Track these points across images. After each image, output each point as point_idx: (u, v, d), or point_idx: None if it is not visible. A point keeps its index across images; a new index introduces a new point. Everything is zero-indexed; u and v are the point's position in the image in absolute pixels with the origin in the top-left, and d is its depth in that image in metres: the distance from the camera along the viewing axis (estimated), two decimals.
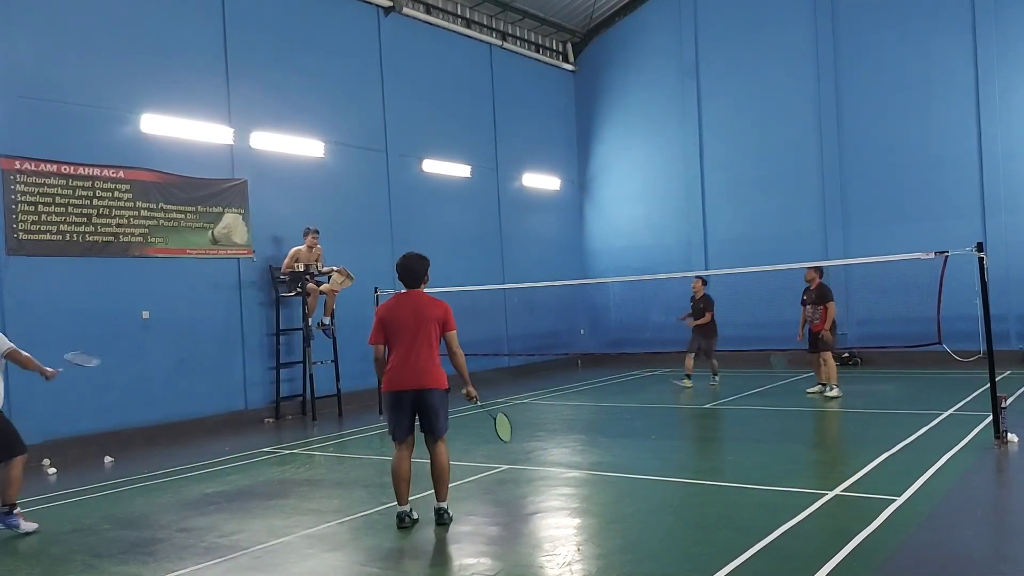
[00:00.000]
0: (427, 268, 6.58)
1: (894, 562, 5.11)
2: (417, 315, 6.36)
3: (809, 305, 12.52)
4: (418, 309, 6.39)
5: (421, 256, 6.62)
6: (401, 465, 6.40)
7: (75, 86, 11.14)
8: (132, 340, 11.54)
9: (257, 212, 13.27)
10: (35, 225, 10.61)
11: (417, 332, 6.32)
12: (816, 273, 12.61)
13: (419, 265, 6.55)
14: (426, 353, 6.33)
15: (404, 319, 6.36)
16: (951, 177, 16.53)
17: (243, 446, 10.70)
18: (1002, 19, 16.06)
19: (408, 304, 6.44)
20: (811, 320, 12.47)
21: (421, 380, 6.31)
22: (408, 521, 6.38)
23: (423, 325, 6.33)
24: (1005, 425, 8.46)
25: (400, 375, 6.34)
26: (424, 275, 6.56)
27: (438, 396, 6.39)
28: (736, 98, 18.86)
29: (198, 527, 6.78)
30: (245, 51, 13.27)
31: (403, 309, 6.42)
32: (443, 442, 6.48)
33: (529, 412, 12.84)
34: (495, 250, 18.52)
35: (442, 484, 6.47)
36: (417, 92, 16.58)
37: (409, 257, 6.61)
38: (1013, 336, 15.78)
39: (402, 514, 6.40)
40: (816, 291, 12.45)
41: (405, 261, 6.59)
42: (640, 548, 5.70)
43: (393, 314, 6.41)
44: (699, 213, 19.31)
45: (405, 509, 6.41)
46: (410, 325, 6.33)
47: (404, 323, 6.34)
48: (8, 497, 6.91)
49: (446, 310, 6.47)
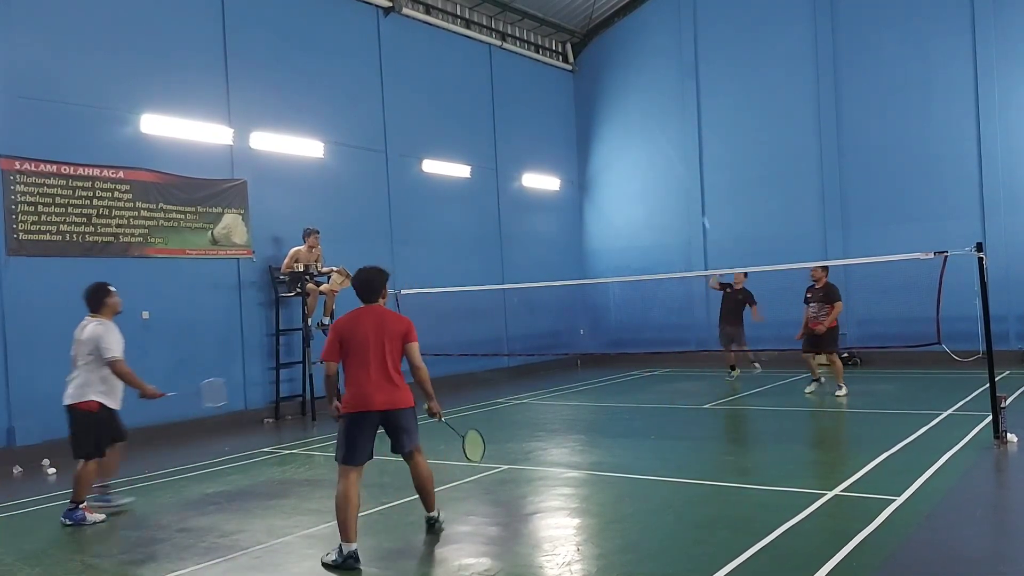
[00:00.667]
0: (386, 281, 6.23)
1: (894, 562, 5.11)
2: (380, 330, 5.93)
3: (815, 303, 12.46)
4: (380, 324, 5.97)
5: (380, 269, 6.26)
6: (350, 492, 5.70)
7: (75, 86, 11.14)
8: (132, 340, 11.34)
9: (257, 212, 13.27)
10: (35, 225, 10.61)
11: (381, 348, 5.90)
12: (824, 272, 12.57)
13: (378, 279, 6.17)
14: (393, 371, 5.94)
15: (365, 335, 5.90)
16: (951, 177, 16.53)
17: (243, 446, 10.70)
18: (1002, 19, 16.07)
19: (369, 319, 6.00)
20: (815, 317, 12.41)
21: (391, 400, 5.90)
22: (354, 563, 5.54)
23: (387, 341, 5.92)
24: (1005, 425, 8.47)
25: (365, 395, 5.85)
26: (383, 289, 6.18)
27: (408, 414, 6.03)
28: (736, 98, 18.86)
29: (198, 527, 6.78)
30: (245, 51, 13.27)
31: (364, 324, 5.95)
32: (419, 452, 6.19)
33: (529, 412, 12.84)
34: (495, 250, 18.52)
35: (428, 494, 6.27)
36: (417, 92, 16.58)
37: (368, 271, 6.21)
38: (1013, 336, 15.78)
39: (351, 554, 5.57)
40: (824, 290, 12.42)
41: (363, 275, 6.20)
42: (640, 548, 5.70)
43: (353, 330, 5.94)
44: (699, 213, 19.31)
45: (353, 548, 5.59)
46: (373, 341, 5.89)
47: (365, 339, 5.89)
48: (78, 494, 7.03)
49: (408, 323, 6.12)
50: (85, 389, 7.00)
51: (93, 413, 7.00)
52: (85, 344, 7.02)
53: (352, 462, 5.82)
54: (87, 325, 7.13)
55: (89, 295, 7.31)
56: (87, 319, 7.20)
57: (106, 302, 7.30)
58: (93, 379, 7.01)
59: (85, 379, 7.00)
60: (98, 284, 7.37)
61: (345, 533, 5.62)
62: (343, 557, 5.56)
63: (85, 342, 7.02)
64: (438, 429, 7.71)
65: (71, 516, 6.90)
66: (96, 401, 7.02)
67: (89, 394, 7.00)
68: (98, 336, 6.99)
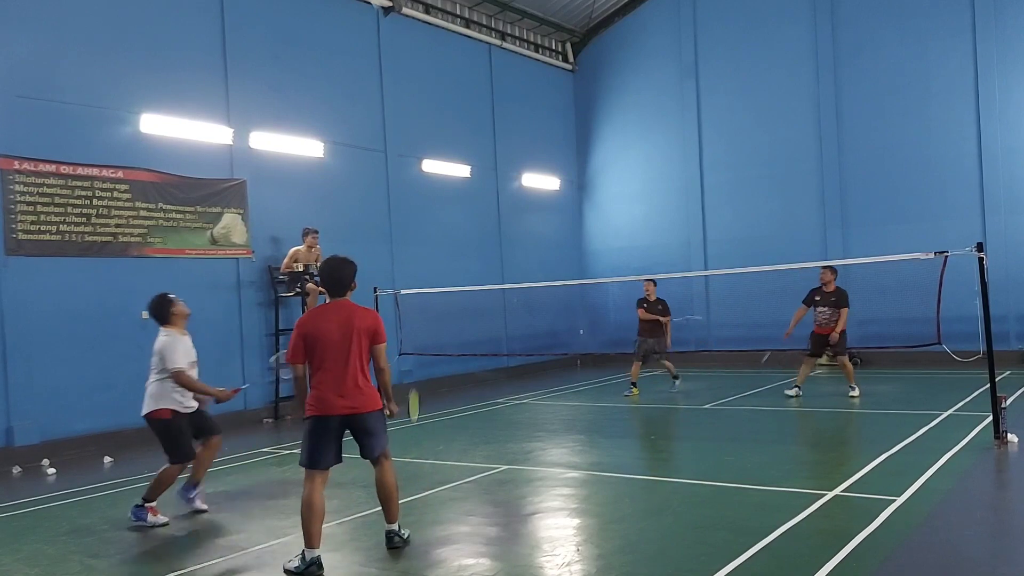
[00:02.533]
0: (354, 273, 5.81)
1: (893, 562, 5.10)
2: (346, 328, 5.57)
3: (825, 307, 12.29)
4: (347, 321, 5.60)
5: (346, 259, 5.81)
6: (314, 497, 5.49)
7: (74, 86, 11.13)
8: (131, 340, 11.50)
9: (256, 212, 13.26)
10: (34, 225, 10.60)
11: (348, 348, 5.56)
12: (833, 274, 12.41)
13: (346, 271, 5.76)
14: (359, 372, 5.62)
15: (330, 333, 5.56)
16: (951, 177, 16.53)
17: (242, 446, 10.69)
18: (1002, 19, 16.06)
19: (335, 316, 5.64)
20: (826, 323, 12.26)
21: (354, 404, 5.61)
22: (316, 570, 5.39)
23: (353, 339, 5.58)
24: (1005, 425, 8.46)
25: (325, 399, 5.58)
26: (351, 281, 5.79)
27: (374, 417, 5.73)
28: (736, 98, 18.85)
29: (197, 527, 6.77)
30: (245, 51, 13.26)
31: (329, 322, 5.60)
32: (387, 458, 5.89)
33: (528, 412, 12.83)
34: (494, 250, 18.51)
35: (390, 503, 5.88)
36: (417, 92, 16.57)
37: (334, 260, 5.81)
38: (1013, 336, 15.78)
39: (313, 561, 5.39)
40: (835, 294, 12.28)
41: (329, 265, 5.79)
42: (640, 548, 5.70)
43: (317, 328, 5.59)
44: (699, 213, 19.31)
45: (316, 555, 5.42)
46: (338, 340, 5.56)
47: (331, 338, 5.56)
48: (150, 494, 7.03)
49: (376, 320, 5.75)
50: (157, 399, 7.02)
51: (166, 420, 7.02)
52: (154, 356, 7.03)
53: (315, 466, 5.60)
54: (157, 336, 7.11)
55: (153, 309, 7.23)
56: (160, 330, 7.15)
57: (172, 312, 7.21)
58: (164, 388, 7.01)
59: (156, 389, 7.02)
60: (160, 297, 7.29)
61: (308, 539, 5.43)
62: (305, 564, 5.37)
63: (155, 353, 7.03)
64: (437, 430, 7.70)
65: (136, 514, 6.95)
66: (168, 409, 7.01)
67: (160, 403, 7.01)
68: (162, 348, 6.99)
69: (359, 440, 5.80)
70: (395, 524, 5.94)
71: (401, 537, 5.92)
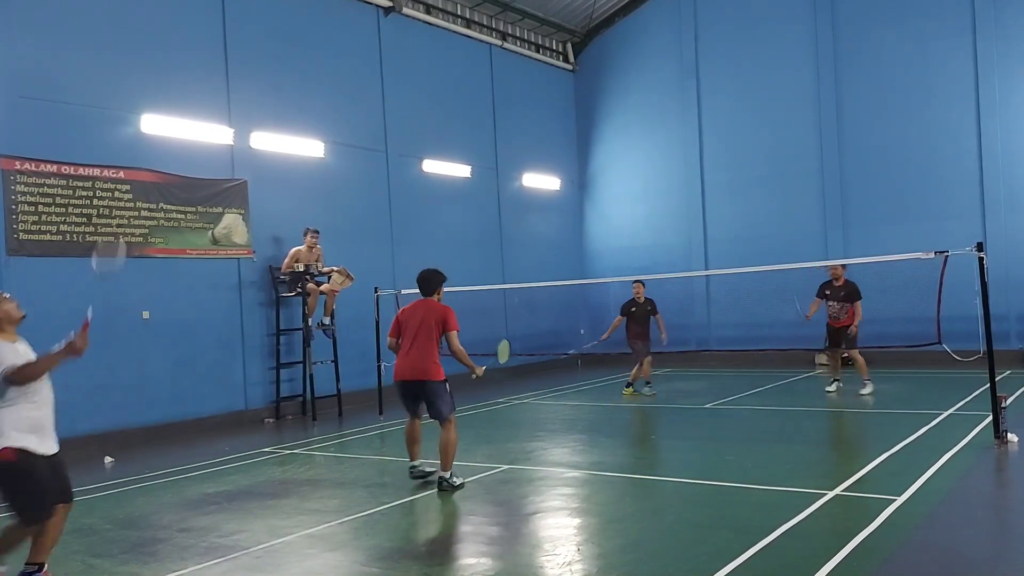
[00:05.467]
0: (442, 282, 8.26)
1: (894, 562, 5.11)
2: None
3: (835, 301, 12.40)
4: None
5: (437, 271, 8.31)
6: (409, 430, 7.96)
7: (75, 86, 11.14)
8: (132, 340, 11.53)
9: (257, 212, 13.27)
10: (35, 225, 10.62)
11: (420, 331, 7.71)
12: (842, 268, 12.53)
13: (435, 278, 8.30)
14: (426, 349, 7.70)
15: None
16: (951, 177, 16.53)
17: (243, 446, 10.70)
18: (1002, 19, 16.06)
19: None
20: (836, 316, 12.37)
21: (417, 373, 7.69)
22: (417, 473, 7.79)
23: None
24: (1005, 425, 8.47)
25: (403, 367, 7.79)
26: (439, 287, 8.22)
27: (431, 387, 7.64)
28: (736, 98, 18.85)
29: (199, 527, 6.78)
30: (245, 51, 13.27)
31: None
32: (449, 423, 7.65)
33: (529, 412, 12.84)
34: (495, 250, 18.52)
35: (445, 456, 7.58)
36: (417, 92, 16.58)
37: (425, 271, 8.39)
38: (1013, 336, 15.78)
39: (413, 466, 7.84)
40: (845, 288, 12.37)
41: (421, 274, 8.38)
42: (640, 548, 5.71)
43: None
44: (699, 213, 19.31)
45: (415, 464, 7.82)
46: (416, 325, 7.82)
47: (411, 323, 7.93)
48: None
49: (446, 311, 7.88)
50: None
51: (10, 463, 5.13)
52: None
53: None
54: None
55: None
56: None
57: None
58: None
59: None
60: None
61: (409, 455, 7.94)
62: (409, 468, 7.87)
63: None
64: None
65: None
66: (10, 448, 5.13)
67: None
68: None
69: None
70: (447, 472, 7.54)
71: (449, 482, 7.49)
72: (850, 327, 12.18)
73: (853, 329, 12.16)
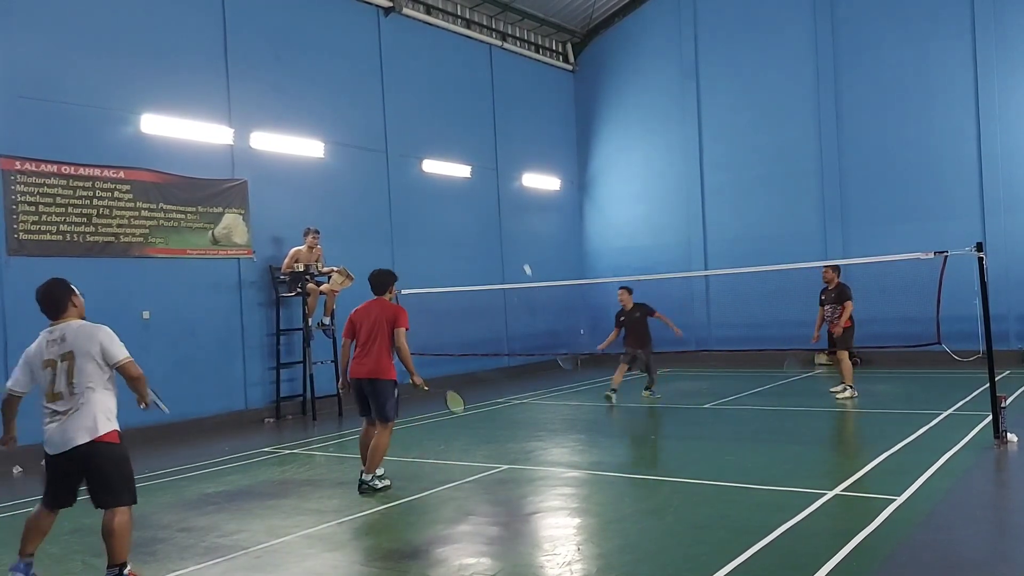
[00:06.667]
0: (393, 281, 8.38)
1: (894, 562, 5.11)
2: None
3: (830, 305, 12.39)
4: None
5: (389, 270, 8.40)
6: (364, 435, 7.86)
7: (75, 86, 11.14)
8: (132, 340, 11.32)
9: (257, 212, 13.27)
10: (35, 225, 10.61)
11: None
12: (835, 272, 12.51)
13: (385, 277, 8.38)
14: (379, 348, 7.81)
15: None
16: (951, 177, 16.53)
17: (243, 446, 10.70)
18: (1001, 21, 16.06)
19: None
20: (831, 319, 12.37)
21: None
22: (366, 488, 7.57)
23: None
24: (1004, 425, 8.47)
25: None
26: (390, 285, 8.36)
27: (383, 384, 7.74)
28: (736, 98, 18.85)
29: (198, 527, 6.78)
30: (245, 51, 13.27)
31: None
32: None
33: (529, 412, 12.84)
34: (495, 250, 18.52)
35: (373, 457, 7.60)
36: (417, 92, 16.58)
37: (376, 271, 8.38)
38: (1013, 336, 15.78)
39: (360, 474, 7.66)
40: (835, 290, 12.37)
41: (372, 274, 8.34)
42: (640, 548, 5.71)
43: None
44: (699, 213, 19.31)
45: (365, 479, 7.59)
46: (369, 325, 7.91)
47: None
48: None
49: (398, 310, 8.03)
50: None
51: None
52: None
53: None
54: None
55: None
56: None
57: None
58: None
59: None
60: None
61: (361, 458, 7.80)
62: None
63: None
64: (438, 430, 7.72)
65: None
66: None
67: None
68: None
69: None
70: (369, 475, 7.57)
71: (368, 486, 7.53)
72: (835, 330, 12.13)
73: (836, 330, 12.12)
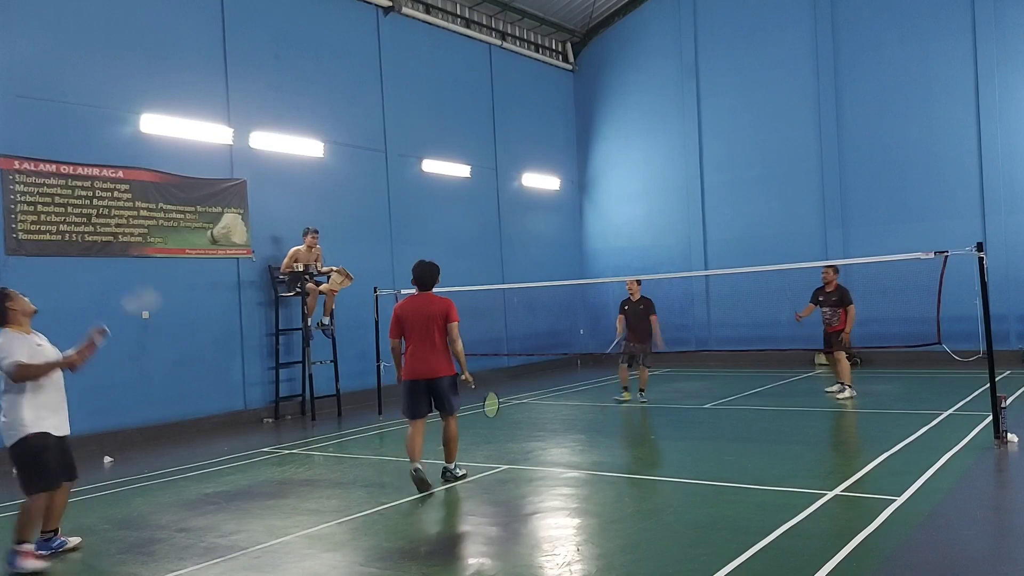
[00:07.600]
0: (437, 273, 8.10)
1: (894, 562, 5.10)
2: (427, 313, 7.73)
3: (827, 307, 12.30)
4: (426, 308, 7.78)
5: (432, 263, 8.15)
6: (414, 431, 7.68)
7: (74, 86, 11.13)
8: (132, 340, 11.52)
9: (256, 212, 13.27)
10: (34, 225, 10.60)
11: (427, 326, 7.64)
12: (835, 273, 12.42)
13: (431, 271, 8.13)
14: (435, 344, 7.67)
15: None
16: (951, 177, 16.52)
17: (242, 446, 10.69)
18: (1002, 20, 16.05)
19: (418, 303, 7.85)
20: (829, 322, 12.30)
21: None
22: (416, 472, 7.43)
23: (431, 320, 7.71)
24: (1005, 425, 8.46)
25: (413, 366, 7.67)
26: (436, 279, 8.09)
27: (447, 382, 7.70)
28: (736, 98, 18.85)
29: (197, 527, 6.77)
30: (245, 51, 13.26)
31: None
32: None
33: (529, 412, 12.83)
34: (495, 250, 18.51)
35: (451, 448, 7.84)
36: (417, 92, 16.57)
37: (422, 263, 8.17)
38: (1013, 336, 15.77)
39: (415, 468, 7.46)
40: (836, 293, 12.28)
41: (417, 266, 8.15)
42: (640, 548, 5.70)
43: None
44: (699, 213, 19.30)
45: (419, 465, 7.48)
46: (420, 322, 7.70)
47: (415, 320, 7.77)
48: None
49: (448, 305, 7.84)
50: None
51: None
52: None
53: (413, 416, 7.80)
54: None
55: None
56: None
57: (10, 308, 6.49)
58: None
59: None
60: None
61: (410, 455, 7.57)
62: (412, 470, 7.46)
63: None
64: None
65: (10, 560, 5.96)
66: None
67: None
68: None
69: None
70: (451, 464, 7.87)
71: (453, 474, 7.80)
72: (841, 334, 12.12)
73: (845, 336, 12.10)
